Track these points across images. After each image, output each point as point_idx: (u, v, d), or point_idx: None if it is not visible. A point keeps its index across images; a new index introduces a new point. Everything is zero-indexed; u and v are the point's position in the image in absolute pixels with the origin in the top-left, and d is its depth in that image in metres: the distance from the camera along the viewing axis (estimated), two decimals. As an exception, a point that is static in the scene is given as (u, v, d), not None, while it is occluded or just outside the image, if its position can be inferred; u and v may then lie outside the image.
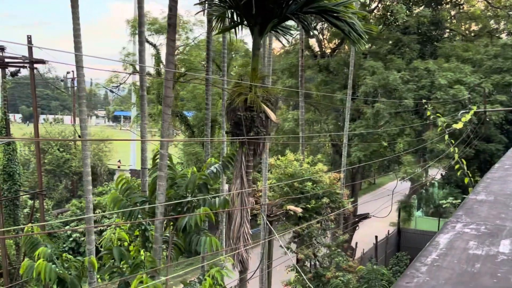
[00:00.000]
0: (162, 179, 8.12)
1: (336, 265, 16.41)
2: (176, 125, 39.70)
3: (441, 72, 23.59)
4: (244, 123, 9.01)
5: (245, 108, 9.12)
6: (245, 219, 8.99)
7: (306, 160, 18.19)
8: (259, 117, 9.14)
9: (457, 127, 8.17)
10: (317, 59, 27.36)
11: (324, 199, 16.98)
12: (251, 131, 9.09)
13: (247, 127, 9.07)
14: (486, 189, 5.38)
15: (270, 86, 10.40)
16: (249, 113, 9.08)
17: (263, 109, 9.07)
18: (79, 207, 38.26)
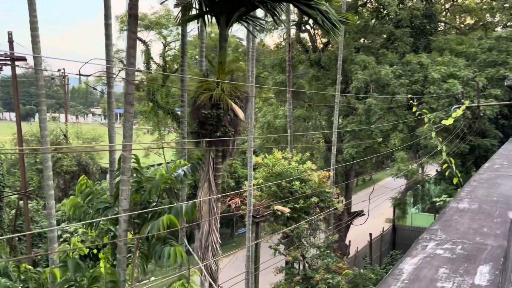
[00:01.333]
0: (125, 183, 7.54)
1: (326, 267, 15.87)
2: (168, 122, 39.11)
3: (434, 66, 23.02)
4: (210, 122, 8.42)
5: (211, 106, 8.53)
6: (213, 227, 8.41)
7: (295, 158, 17.61)
8: (227, 115, 8.54)
9: (447, 123, 7.63)
10: (309, 54, 26.74)
11: (313, 198, 16.42)
12: (218, 130, 8.50)
13: (213, 126, 8.47)
14: (470, 195, 4.80)
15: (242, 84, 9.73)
16: (215, 111, 8.48)
17: (231, 107, 8.47)
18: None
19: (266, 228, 17.03)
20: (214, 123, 8.50)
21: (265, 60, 27.76)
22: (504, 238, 2.94)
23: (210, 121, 8.49)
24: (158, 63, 37.72)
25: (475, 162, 24.97)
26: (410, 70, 23.40)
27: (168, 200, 7.95)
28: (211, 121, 8.49)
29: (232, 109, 8.48)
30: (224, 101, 8.43)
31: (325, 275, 15.44)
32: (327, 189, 17.33)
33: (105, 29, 9.46)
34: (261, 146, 25.66)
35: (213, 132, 8.52)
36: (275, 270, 16.60)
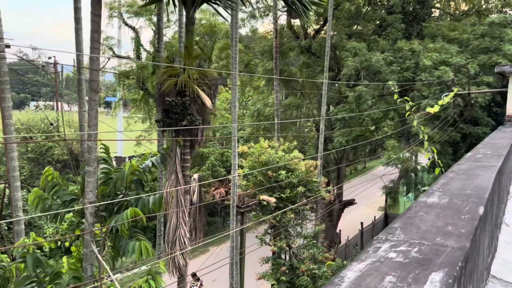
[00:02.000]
0: (91, 174, 7.22)
1: (312, 257, 15.63)
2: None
3: (426, 52, 22.63)
4: (174, 110, 8.04)
5: (177, 93, 8.15)
6: (181, 221, 8.08)
7: (282, 147, 17.28)
8: (194, 103, 8.17)
9: (432, 111, 7.31)
10: (299, 41, 26.28)
11: (300, 188, 16.13)
12: (183, 119, 8.14)
13: (178, 115, 8.10)
14: (443, 187, 4.48)
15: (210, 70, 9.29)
16: (179, 99, 8.09)
17: (198, 94, 8.09)
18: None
19: (252, 218, 16.76)
20: (179, 111, 8.13)
21: (255, 47, 27.29)
22: (468, 238, 2.63)
23: (175, 109, 8.11)
24: (149, 50, 37.13)
25: (467, 150, 24.70)
26: (401, 57, 23.02)
27: (135, 192, 7.62)
28: (176, 109, 8.11)
29: (199, 97, 8.10)
30: (190, 88, 8.05)
31: (310, 266, 15.20)
32: (314, 178, 17.03)
33: (74, 13, 9.05)
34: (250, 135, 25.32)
35: (179, 121, 8.15)
36: (261, 260, 16.36)
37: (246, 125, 30.84)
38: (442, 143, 22.79)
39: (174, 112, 8.12)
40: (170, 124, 8.22)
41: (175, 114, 8.13)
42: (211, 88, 8.51)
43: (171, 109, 8.15)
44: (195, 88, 8.04)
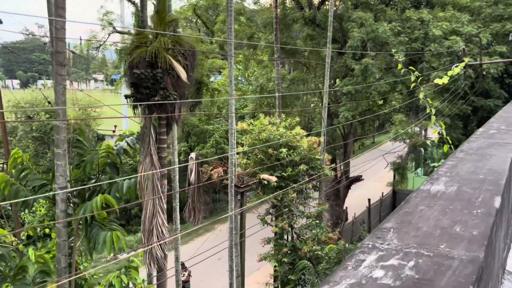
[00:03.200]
0: (60, 157, 6.56)
1: (315, 238, 15.03)
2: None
3: (435, 22, 21.55)
4: (144, 84, 7.25)
5: (147, 65, 7.36)
6: (158, 208, 7.40)
7: (284, 123, 16.52)
8: (169, 75, 7.36)
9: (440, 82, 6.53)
10: (303, 11, 25.20)
11: (302, 166, 15.42)
12: (156, 94, 7.35)
13: (149, 89, 7.32)
14: (451, 172, 3.72)
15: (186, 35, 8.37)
16: (149, 71, 7.27)
17: (172, 65, 7.27)
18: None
19: (253, 198, 16.14)
20: (150, 86, 7.32)
21: (258, 20, 26.27)
22: (482, 243, 1.91)
23: (145, 83, 7.30)
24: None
25: (478, 124, 23.75)
26: (409, 27, 21.95)
27: (109, 176, 6.95)
28: (146, 83, 7.30)
29: (173, 68, 7.29)
30: (163, 58, 7.23)
31: (313, 247, 14.62)
32: (318, 155, 16.31)
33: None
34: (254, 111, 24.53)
35: (151, 96, 7.36)
36: (262, 241, 15.80)
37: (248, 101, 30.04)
38: (452, 117, 21.89)
39: (144, 86, 7.31)
40: (141, 100, 7.44)
41: (146, 88, 7.33)
42: (187, 59, 7.68)
43: (141, 83, 7.35)
44: (168, 58, 7.23)
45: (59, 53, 6.47)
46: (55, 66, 6.49)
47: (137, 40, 7.46)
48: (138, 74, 7.11)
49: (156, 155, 7.35)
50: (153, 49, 7.06)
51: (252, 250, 16.35)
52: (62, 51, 6.51)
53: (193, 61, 7.86)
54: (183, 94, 7.63)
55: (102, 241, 6.13)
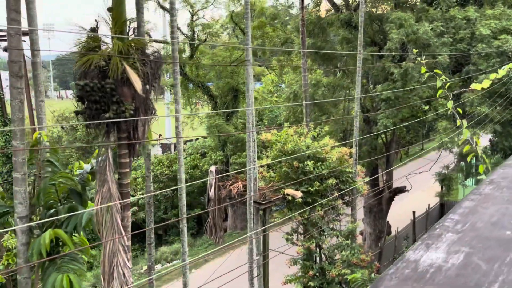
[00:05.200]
0: (19, 182, 5.71)
1: (344, 260, 13.67)
2: (199, 95, 37.40)
3: (483, 20, 19.70)
4: (92, 98, 6.17)
5: (99, 74, 6.30)
6: (119, 246, 6.34)
7: (311, 133, 15.28)
8: (127, 87, 6.26)
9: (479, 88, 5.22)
10: (339, 13, 23.85)
11: (330, 180, 14.12)
12: (108, 110, 6.30)
13: (98, 103, 6.26)
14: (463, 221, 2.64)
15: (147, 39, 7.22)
16: (96, 81, 6.19)
17: (127, 74, 6.16)
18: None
19: (276, 215, 14.97)
20: (98, 99, 6.26)
21: (291, 24, 25.15)
22: None
23: (92, 96, 6.25)
24: (186, 33, 35.78)
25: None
26: (454, 26, 20.18)
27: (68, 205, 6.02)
28: (94, 96, 6.25)
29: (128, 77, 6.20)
30: (114, 65, 6.14)
31: (342, 270, 13.26)
32: (349, 168, 14.94)
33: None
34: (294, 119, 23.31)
35: (102, 112, 6.31)
36: (288, 261, 14.59)
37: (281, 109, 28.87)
38: (503, 123, 19.91)
39: (92, 100, 6.28)
40: (93, 117, 6.43)
41: (95, 103, 6.30)
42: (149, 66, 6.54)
43: (87, 96, 6.31)
44: (125, 65, 6.12)
45: (14, 63, 5.65)
46: (10, 78, 5.68)
47: (86, 45, 6.43)
48: (81, 86, 6.12)
49: (115, 182, 6.32)
50: (101, 56, 6.04)
51: (276, 272, 15.16)
52: (17, 60, 5.69)
53: (157, 69, 6.79)
54: (147, 107, 6.57)
55: (50, 285, 5.20)
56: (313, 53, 24.47)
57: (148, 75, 6.20)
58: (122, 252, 6.17)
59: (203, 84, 35.41)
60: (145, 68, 6.27)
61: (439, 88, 5.32)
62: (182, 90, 37.29)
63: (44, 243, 5.12)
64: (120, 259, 6.13)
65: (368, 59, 23.33)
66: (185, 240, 10.22)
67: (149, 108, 6.43)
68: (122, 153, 6.45)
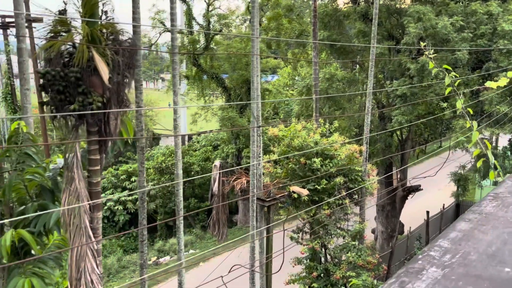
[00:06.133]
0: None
1: (350, 262, 13.18)
2: (213, 87, 37.01)
3: (506, 15, 18.89)
4: (55, 87, 5.68)
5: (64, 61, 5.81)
6: (87, 250, 5.88)
7: (320, 129, 14.75)
8: (95, 76, 5.74)
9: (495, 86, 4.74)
10: (355, 6, 23.15)
11: (338, 178, 13.61)
12: (74, 101, 5.81)
13: (62, 94, 5.76)
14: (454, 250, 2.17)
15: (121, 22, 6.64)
16: (58, 70, 5.70)
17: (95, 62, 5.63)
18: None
19: (282, 213, 14.53)
20: (61, 89, 5.77)
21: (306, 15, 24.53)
22: None
23: (56, 86, 5.75)
24: (202, 24, 35.33)
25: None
26: (475, 21, 19.37)
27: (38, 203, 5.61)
28: (57, 86, 5.75)
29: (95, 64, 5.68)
30: (80, 52, 5.64)
31: (347, 272, 12.78)
32: (358, 167, 14.41)
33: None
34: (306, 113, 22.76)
35: (68, 103, 5.82)
36: (293, 260, 14.16)
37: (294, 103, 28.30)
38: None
39: (55, 90, 5.79)
40: (57, 108, 5.95)
41: (58, 93, 5.81)
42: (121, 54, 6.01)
43: (49, 85, 5.82)
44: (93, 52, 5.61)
45: None
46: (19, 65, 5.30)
47: (53, 30, 5.92)
48: (42, 74, 5.65)
49: (82, 180, 5.87)
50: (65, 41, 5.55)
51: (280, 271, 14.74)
52: None
53: (131, 58, 6.28)
54: (117, 99, 6.07)
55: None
56: (329, 46, 23.84)
57: (120, 64, 5.74)
58: (91, 257, 5.75)
59: (217, 75, 35.01)
60: (117, 57, 5.80)
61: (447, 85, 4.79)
62: (196, 82, 36.96)
63: (5, 244, 4.76)
64: (88, 264, 5.70)
65: (385, 54, 22.64)
66: (181, 238, 9.86)
67: (123, 100, 5.98)
68: (92, 148, 6.00)
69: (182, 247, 9.85)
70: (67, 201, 5.48)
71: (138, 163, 9.04)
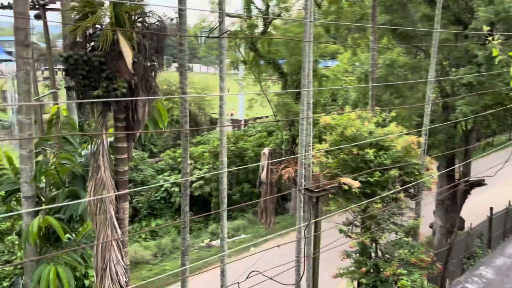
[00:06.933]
0: (25, 160, 5.29)
1: (402, 259, 12.53)
2: (270, 72, 36.56)
3: None
4: (79, 72, 5.37)
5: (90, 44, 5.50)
6: (112, 241, 5.64)
7: (375, 119, 14.05)
8: (120, 60, 5.37)
9: None
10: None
11: (393, 171, 12.91)
12: (98, 86, 5.49)
13: (86, 78, 5.46)
14: None
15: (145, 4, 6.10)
16: (82, 54, 5.37)
17: (120, 45, 5.26)
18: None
19: (332, 204, 14.03)
20: (85, 74, 5.48)
21: None
22: None
23: (79, 70, 5.46)
24: (260, 8, 34.86)
25: None
26: (555, 3, 17.73)
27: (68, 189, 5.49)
28: (80, 71, 5.46)
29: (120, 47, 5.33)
30: (104, 35, 5.30)
31: (398, 269, 12.15)
32: (415, 159, 13.62)
33: None
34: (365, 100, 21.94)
35: (92, 89, 5.52)
36: (341, 253, 13.68)
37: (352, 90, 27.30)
38: None
39: (78, 74, 5.52)
40: (82, 93, 5.70)
41: (83, 78, 5.55)
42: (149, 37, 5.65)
43: (72, 70, 5.56)
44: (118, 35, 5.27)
45: (20, 30, 5.18)
46: (16, 46, 5.22)
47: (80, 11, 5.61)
48: (65, 58, 5.42)
49: (108, 169, 5.66)
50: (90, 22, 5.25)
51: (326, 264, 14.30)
52: (23, 27, 5.21)
53: (161, 42, 5.92)
54: (150, 86, 5.76)
55: (36, 278, 4.77)
56: (390, 31, 22.76)
57: (146, 48, 5.44)
58: (116, 248, 5.60)
59: (274, 60, 34.53)
60: (144, 40, 5.51)
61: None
62: (253, 67, 36.65)
63: (32, 230, 4.69)
64: (113, 255, 5.57)
65: (451, 39, 21.28)
66: (224, 225, 9.67)
67: (151, 86, 5.71)
68: (119, 136, 5.80)
69: (225, 235, 9.68)
70: (93, 190, 5.36)
71: (182, 149, 8.88)
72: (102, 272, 5.41)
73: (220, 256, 9.66)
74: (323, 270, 13.48)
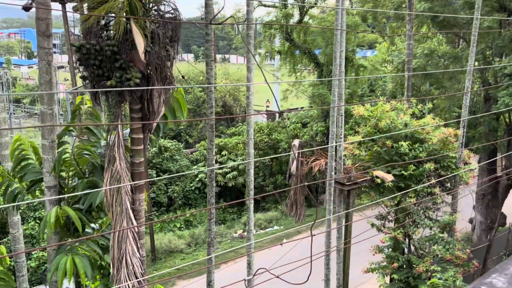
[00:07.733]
0: (46, 150, 5.29)
1: (436, 255, 12.09)
2: (305, 63, 36.15)
3: None
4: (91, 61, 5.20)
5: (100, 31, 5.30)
6: (128, 232, 5.52)
7: (411, 110, 13.56)
8: (134, 49, 5.16)
9: None
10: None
11: (428, 164, 12.45)
12: (111, 76, 5.33)
13: (100, 68, 5.29)
14: None
15: None
16: (94, 43, 5.19)
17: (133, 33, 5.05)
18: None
19: (364, 198, 13.69)
20: (98, 64, 5.33)
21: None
22: None
23: (92, 60, 5.31)
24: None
25: None
26: None
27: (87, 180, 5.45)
28: (93, 60, 5.31)
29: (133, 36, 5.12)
30: (117, 24, 5.10)
31: (432, 266, 11.74)
32: (452, 152, 13.09)
33: None
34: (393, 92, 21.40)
35: (105, 79, 5.37)
36: (373, 248, 13.35)
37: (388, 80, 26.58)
38: None
39: (92, 64, 5.39)
40: (96, 83, 5.57)
41: (96, 68, 5.41)
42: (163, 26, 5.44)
43: (85, 60, 5.43)
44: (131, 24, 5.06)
45: (41, 20, 5.16)
46: (37, 36, 5.21)
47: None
48: (77, 48, 5.31)
49: (124, 160, 5.54)
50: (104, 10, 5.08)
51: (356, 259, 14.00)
52: (44, 17, 5.18)
53: (176, 31, 5.69)
54: (165, 76, 5.57)
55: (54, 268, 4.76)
56: (429, 19, 21.97)
57: (160, 37, 5.29)
58: (131, 239, 5.54)
59: (309, 50, 34.09)
60: (157, 29, 5.34)
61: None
62: (288, 57, 36.32)
63: (50, 221, 4.68)
64: (129, 247, 5.51)
65: (494, 27, 20.34)
66: (251, 218, 9.55)
67: (166, 76, 5.56)
68: (135, 127, 5.70)
69: (252, 227, 9.55)
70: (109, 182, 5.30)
71: (208, 141, 8.79)
72: (118, 263, 5.38)
73: (246, 246, 9.56)
74: (354, 264, 13.22)
